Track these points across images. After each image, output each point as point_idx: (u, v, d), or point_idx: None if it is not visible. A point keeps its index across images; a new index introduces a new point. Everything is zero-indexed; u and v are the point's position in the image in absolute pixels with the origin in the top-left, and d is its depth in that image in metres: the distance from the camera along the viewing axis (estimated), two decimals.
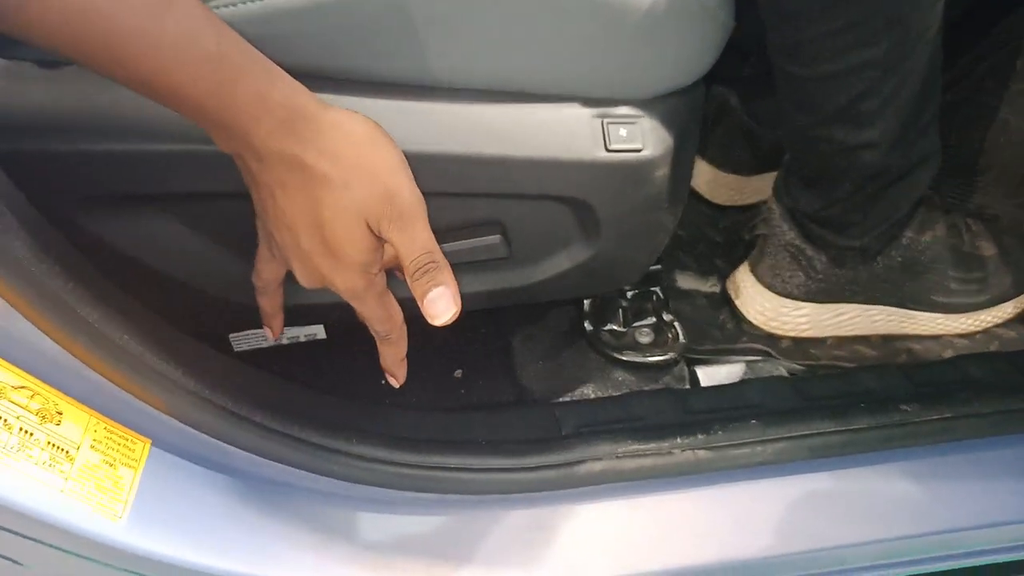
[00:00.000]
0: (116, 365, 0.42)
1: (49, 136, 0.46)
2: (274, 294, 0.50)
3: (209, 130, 0.40)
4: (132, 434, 0.44)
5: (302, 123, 0.39)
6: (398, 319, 0.47)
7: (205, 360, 0.47)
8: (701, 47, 0.52)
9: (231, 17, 0.44)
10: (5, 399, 0.40)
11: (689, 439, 0.54)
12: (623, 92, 0.51)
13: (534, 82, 0.50)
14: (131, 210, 0.51)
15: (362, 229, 0.41)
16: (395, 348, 0.48)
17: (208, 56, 0.37)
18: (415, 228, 0.41)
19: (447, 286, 0.42)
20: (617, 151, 0.50)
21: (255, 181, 0.42)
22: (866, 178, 0.61)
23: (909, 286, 0.70)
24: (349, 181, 0.40)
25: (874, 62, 0.53)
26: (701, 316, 0.74)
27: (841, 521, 0.54)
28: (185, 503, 0.44)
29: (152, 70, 0.37)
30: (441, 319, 0.42)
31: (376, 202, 0.40)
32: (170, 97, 0.38)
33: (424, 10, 0.45)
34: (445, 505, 0.51)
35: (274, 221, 0.43)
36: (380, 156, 0.41)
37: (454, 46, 0.47)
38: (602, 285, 0.67)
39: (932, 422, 0.55)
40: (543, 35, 0.47)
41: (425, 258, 0.42)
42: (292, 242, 0.43)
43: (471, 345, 0.69)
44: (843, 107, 0.56)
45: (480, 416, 0.59)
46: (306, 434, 0.47)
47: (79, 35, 0.35)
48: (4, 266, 0.38)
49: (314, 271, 0.43)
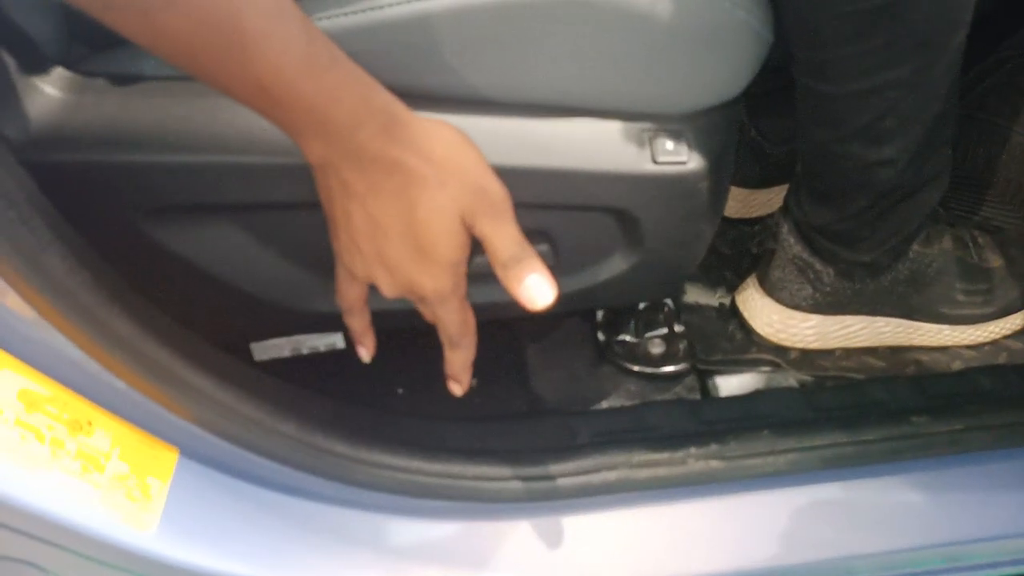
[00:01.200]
0: (145, 376, 0.43)
1: (121, 148, 0.47)
2: (361, 313, 0.51)
3: (308, 137, 0.41)
4: (161, 444, 0.45)
5: (400, 127, 0.41)
6: (472, 325, 0.48)
7: (231, 371, 0.48)
8: (743, 63, 0.53)
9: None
10: (37, 410, 0.40)
11: (703, 449, 0.55)
12: (668, 107, 0.53)
13: (584, 97, 0.51)
14: (195, 220, 0.52)
15: (457, 225, 0.42)
16: (465, 354, 0.49)
17: (324, 59, 0.39)
18: (506, 221, 0.43)
19: (541, 273, 0.44)
20: (663, 163, 0.52)
21: (346, 191, 0.42)
22: (880, 194, 0.62)
23: (916, 298, 0.71)
24: (444, 180, 0.41)
25: (900, 82, 0.54)
26: (711, 327, 0.75)
27: (851, 531, 0.54)
28: (213, 512, 0.45)
29: (273, 73, 0.38)
30: (540, 304, 0.44)
31: (471, 198, 0.42)
32: (284, 99, 0.39)
33: (481, 29, 0.47)
34: (463, 512, 0.52)
35: (361, 232, 0.43)
36: (469, 156, 0.43)
37: (508, 63, 0.49)
38: (642, 294, 0.69)
39: (942, 434, 0.56)
40: (595, 53, 0.49)
41: (517, 248, 0.44)
42: (379, 251, 0.43)
43: (486, 356, 0.70)
44: (865, 124, 0.56)
45: (495, 426, 0.60)
46: (330, 444, 0.48)
47: (207, 40, 0.36)
48: (40, 280, 0.39)
49: (402, 278, 0.44)
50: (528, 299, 0.44)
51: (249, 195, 0.50)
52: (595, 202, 0.54)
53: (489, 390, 0.68)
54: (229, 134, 0.47)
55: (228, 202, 0.51)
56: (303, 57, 0.38)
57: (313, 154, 0.42)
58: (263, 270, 0.55)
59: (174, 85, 0.48)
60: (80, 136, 0.47)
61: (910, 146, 0.58)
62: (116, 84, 0.48)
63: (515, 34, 0.48)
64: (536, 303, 0.44)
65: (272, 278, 0.55)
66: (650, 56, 0.50)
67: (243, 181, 0.49)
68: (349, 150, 0.41)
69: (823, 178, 0.63)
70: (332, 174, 0.42)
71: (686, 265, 0.62)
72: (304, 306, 0.57)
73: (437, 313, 0.46)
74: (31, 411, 0.40)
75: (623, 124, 0.52)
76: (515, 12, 0.47)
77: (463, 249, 0.44)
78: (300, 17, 0.38)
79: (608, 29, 0.48)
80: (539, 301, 0.43)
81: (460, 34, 0.47)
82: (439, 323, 0.47)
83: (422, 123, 0.42)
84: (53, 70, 0.48)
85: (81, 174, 0.47)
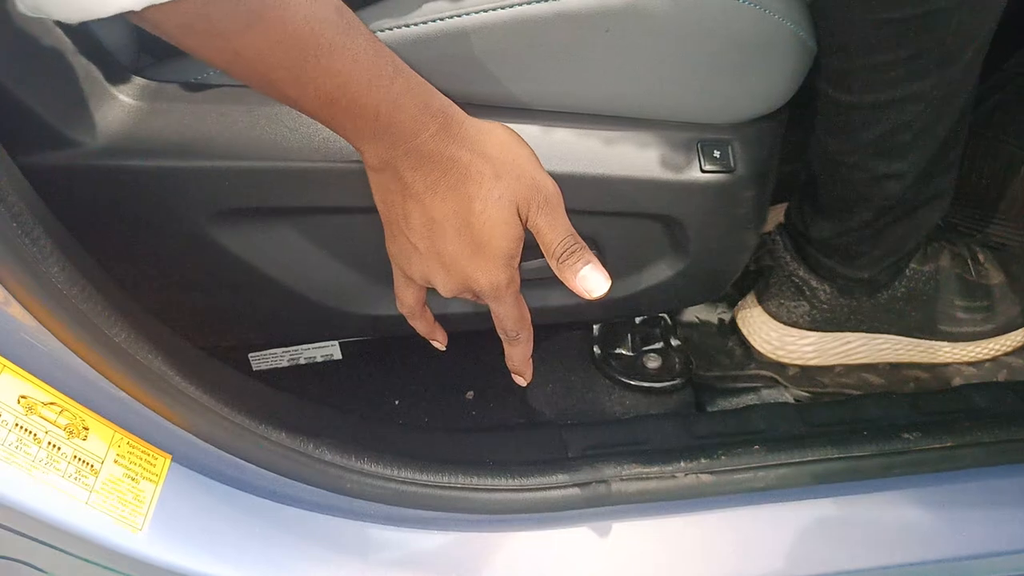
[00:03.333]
0: (141, 383, 0.44)
1: (189, 154, 0.49)
2: (423, 314, 0.52)
3: (370, 142, 0.43)
4: (154, 449, 0.46)
5: (456, 127, 0.43)
6: (528, 319, 0.49)
7: (225, 379, 0.49)
8: (791, 73, 0.54)
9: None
10: (35, 414, 0.42)
11: (693, 463, 0.55)
12: (716, 116, 0.54)
13: (634, 107, 0.53)
14: (256, 223, 0.54)
15: (513, 217, 0.44)
16: (524, 348, 0.51)
17: (388, 69, 0.41)
18: (559, 214, 0.45)
19: (594, 263, 0.45)
20: (711, 172, 0.53)
21: (404, 192, 0.44)
22: (884, 208, 0.62)
23: (914, 315, 0.71)
24: (500, 174, 0.43)
25: (920, 95, 0.54)
26: (709, 343, 0.75)
27: (842, 547, 0.54)
28: (203, 517, 0.46)
29: (343, 85, 0.40)
30: (596, 293, 0.45)
31: (526, 190, 0.44)
32: (351, 109, 0.41)
33: (534, 40, 0.49)
34: (453, 523, 0.53)
35: (419, 231, 0.45)
36: (522, 154, 0.45)
37: (560, 73, 0.51)
38: (685, 300, 0.70)
39: (934, 450, 0.56)
40: (647, 64, 0.51)
41: (570, 240, 0.45)
42: (437, 249, 0.45)
43: (482, 368, 0.71)
44: (879, 136, 0.57)
45: (489, 437, 0.61)
46: (320, 452, 0.49)
47: (282, 58, 0.38)
48: (40, 289, 0.40)
49: (458, 274, 0.46)
50: (584, 289, 0.45)
51: (308, 199, 0.52)
52: (643, 209, 0.55)
53: (484, 401, 0.68)
54: (291, 139, 0.49)
55: (288, 206, 0.53)
56: (370, 69, 0.40)
57: (374, 158, 0.43)
58: (318, 273, 0.57)
59: (240, 92, 0.50)
60: (152, 142, 0.49)
61: (920, 161, 0.58)
62: (185, 91, 0.50)
63: (568, 45, 0.49)
64: (592, 293, 0.45)
65: (326, 281, 0.57)
66: (701, 66, 0.51)
67: (303, 185, 0.51)
68: (409, 151, 0.42)
69: (828, 189, 0.63)
70: (391, 176, 0.44)
71: (728, 273, 0.63)
72: (356, 309, 0.59)
73: (493, 308, 0.48)
74: (30, 415, 0.42)
75: (672, 133, 0.53)
76: (568, 23, 0.48)
77: (518, 242, 0.45)
78: (366, 31, 0.40)
79: (660, 40, 0.49)
80: (595, 291, 0.45)
81: (514, 44, 0.49)
82: (496, 318, 0.49)
83: (477, 123, 0.44)
84: (128, 78, 0.50)
85: (151, 179, 0.49)
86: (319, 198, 0.52)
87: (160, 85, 0.50)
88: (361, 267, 0.57)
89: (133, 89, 0.50)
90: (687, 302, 0.72)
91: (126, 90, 0.49)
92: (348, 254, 0.56)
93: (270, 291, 0.56)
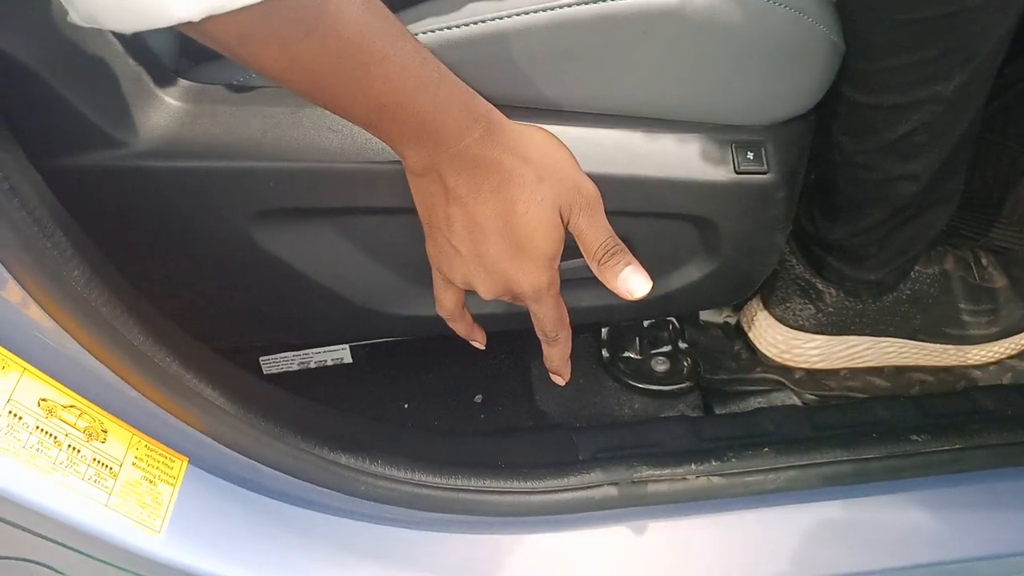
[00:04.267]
0: (158, 386, 0.44)
1: (233, 154, 0.50)
2: (462, 317, 0.53)
3: (414, 146, 0.43)
4: (171, 452, 0.46)
5: (498, 131, 0.43)
6: (567, 320, 0.50)
7: (240, 383, 0.50)
8: (822, 74, 0.54)
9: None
10: (55, 417, 0.42)
11: (703, 466, 0.56)
12: (750, 118, 0.54)
13: (669, 108, 0.53)
14: (297, 223, 0.54)
15: (555, 218, 0.44)
16: (563, 348, 0.51)
17: (434, 75, 0.41)
18: (599, 216, 0.46)
19: (634, 265, 0.46)
20: (744, 173, 0.54)
21: (447, 195, 0.44)
22: (896, 209, 0.62)
23: (919, 319, 0.71)
24: (543, 176, 0.44)
25: (941, 97, 0.54)
26: (716, 346, 0.76)
27: (851, 549, 0.54)
28: (219, 519, 0.46)
29: (392, 92, 0.40)
30: (638, 294, 0.45)
31: (568, 193, 0.44)
32: (398, 114, 0.41)
33: (572, 42, 0.49)
34: (466, 526, 0.53)
35: (461, 235, 0.45)
36: (562, 156, 0.45)
37: (597, 75, 0.51)
38: (715, 301, 0.71)
39: (942, 453, 0.56)
40: (683, 66, 0.51)
41: (611, 242, 0.46)
42: (479, 252, 0.45)
43: (492, 371, 0.71)
44: (897, 138, 0.57)
45: (500, 440, 0.61)
46: (335, 455, 0.49)
47: (335, 66, 0.39)
48: (61, 292, 0.40)
49: (500, 277, 0.46)
50: (626, 290, 0.45)
51: (349, 199, 0.53)
52: (677, 210, 0.56)
53: (492, 405, 0.69)
54: (334, 140, 0.50)
55: (328, 206, 0.53)
56: (417, 75, 0.41)
57: (417, 163, 0.44)
58: (356, 273, 0.57)
59: (283, 93, 0.51)
60: (196, 143, 0.50)
61: (935, 163, 0.59)
62: (229, 93, 0.51)
63: (606, 47, 0.50)
64: (634, 293, 0.45)
65: (364, 281, 0.58)
66: (736, 69, 0.51)
67: (344, 185, 0.52)
68: (453, 155, 0.43)
69: (840, 189, 0.63)
70: (434, 180, 0.44)
71: (757, 274, 0.64)
72: (393, 310, 0.59)
73: (533, 310, 0.48)
74: (50, 418, 0.42)
75: (706, 134, 0.54)
76: (606, 26, 0.49)
77: (559, 243, 0.45)
78: (412, 37, 0.41)
79: (696, 42, 0.50)
80: (637, 292, 0.45)
81: (553, 47, 0.49)
82: (535, 319, 0.49)
83: (517, 126, 0.45)
84: (174, 80, 0.51)
85: (195, 179, 0.50)
86: (360, 198, 0.53)
87: (204, 87, 0.51)
88: (399, 268, 0.57)
89: (178, 91, 0.50)
90: (717, 303, 0.72)
91: (172, 92, 0.50)
92: (387, 255, 0.57)
93: (308, 291, 0.57)
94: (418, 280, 0.57)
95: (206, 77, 0.52)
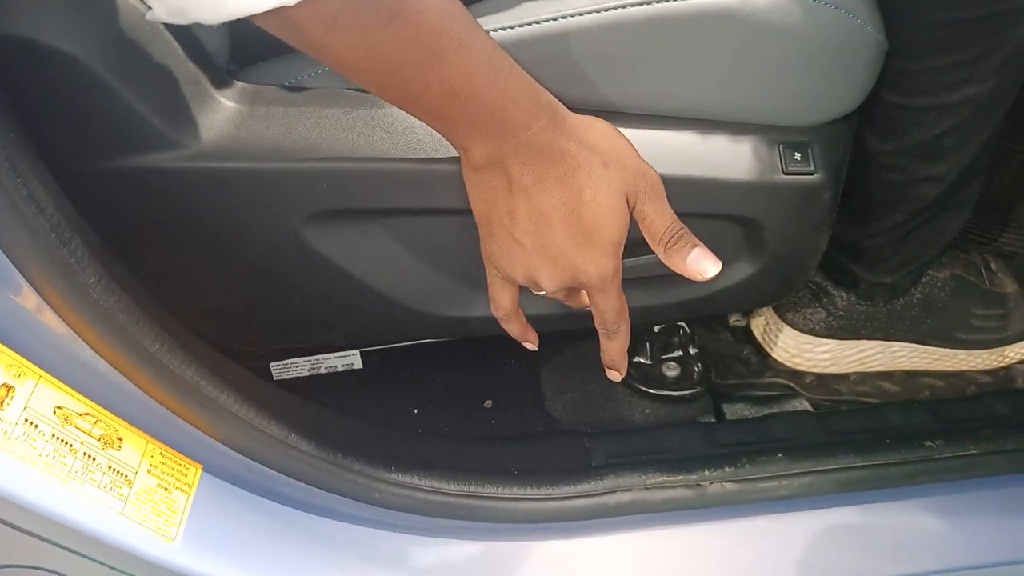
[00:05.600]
0: (173, 393, 0.44)
1: (287, 155, 0.50)
2: (517, 316, 0.52)
3: (481, 138, 0.43)
4: (185, 459, 0.46)
5: (562, 120, 0.43)
6: (627, 312, 0.49)
7: (254, 389, 0.49)
8: (868, 75, 0.55)
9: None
10: (71, 425, 0.42)
11: (717, 472, 0.56)
12: (797, 118, 0.55)
13: (718, 109, 0.54)
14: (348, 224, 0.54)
15: (622, 204, 0.44)
16: (622, 341, 0.51)
17: (505, 63, 0.41)
18: (663, 201, 0.46)
19: (701, 247, 0.46)
20: (792, 173, 0.54)
21: (511, 187, 0.44)
22: (915, 211, 0.62)
23: (930, 323, 0.71)
24: (608, 163, 0.44)
25: (974, 100, 0.54)
26: (726, 351, 0.75)
27: (867, 555, 0.54)
28: (234, 527, 0.46)
29: (467, 77, 0.40)
30: (708, 274, 0.45)
31: (633, 178, 0.44)
32: (471, 103, 0.41)
33: (626, 43, 0.50)
34: (480, 532, 0.53)
35: (524, 226, 0.45)
36: (624, 144, 0.45)
37: (650, 76, 0.51)
38: (759, 300, 0.71)
39: (957, 458, 0.56)
40: (734, 67, 0.51)
41: (676, 226, 0.46)
42: (543, 243, 0.45)
43: (501, 376, 0.71)
44: (925, 139, 0.57)
45: (511, 445, 0.61)
46: (348, 462, 0.49)
47: (413, 53, 0.38)
48: (77, 299, 0.40)
49: (566, 266, 0.46)
50: (696, 272, 0.45)
51: (402, 200, 0.53)
52: (725, 210, 0.56)
53: (502, 410, 0.69)
54: (388, 141, 0.50)
55: (381, 207, 0.53)
56: (490, 63, 0.41)
57: (481, 155, 0.43)
58: (406, 274, 0.57)
59: (337, 94, 0.51)
60: (251, 144, 0.49)
61: (959, 165, 0.58)
62: (283, 94, 0.51)
63: (660, 48, 0.50)
64: (705, 274, 0.45)
65: (414, 282, 0.58)
66: (786, 69, 0.52)
67: (398, 186, 0.52)
68: (520, 144, 0.43)
69: (861, 189, 0.63)
70: (497, 172, 0.44)
71: (801, 274, 0.64)
72: (443, 311, 0.59)
73: (595, 300, 0.48)
74: (65, 426, 0.42)
75: (754, 135, 0.54)
76: (662, 26, 0.49)
77: (625, 229, 0.45)
78: (481, 27, 0.41)
79: (748, 44, 0.50)
80: (707, 272, 0.45)
81: (608, 47, 0.50)
82: (597, 311, 0.49)
83: (579, 117, 0.45)
84: (229, 82, 0.51)
85: (249, 180, 0.50)
86: (412, 199, 0.52)
87: (258, 88, 0.51)
88: (450, 269, 0.57)
89: (234, 92, 0.50)
90: (761, 302, 0.73)
91: (227, 94, 0.50)
92: (437, 256, 0.57)
93: (356, 293, 0.57)
94: (468, 281, 0.57)
95: (255, 80, 0.52)
